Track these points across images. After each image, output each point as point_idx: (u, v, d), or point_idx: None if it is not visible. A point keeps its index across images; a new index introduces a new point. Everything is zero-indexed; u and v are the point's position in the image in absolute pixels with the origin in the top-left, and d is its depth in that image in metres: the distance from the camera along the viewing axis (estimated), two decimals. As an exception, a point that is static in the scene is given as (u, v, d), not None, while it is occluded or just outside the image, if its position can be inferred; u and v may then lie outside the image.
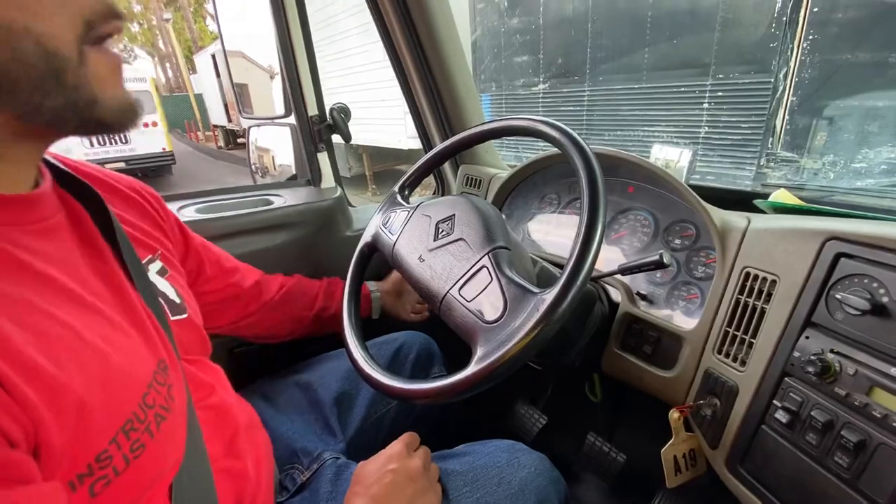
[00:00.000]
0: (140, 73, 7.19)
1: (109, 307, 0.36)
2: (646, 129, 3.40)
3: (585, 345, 0.69)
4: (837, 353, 0.45)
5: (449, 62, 0.94)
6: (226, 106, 11.55)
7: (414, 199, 0.77)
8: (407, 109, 1.05)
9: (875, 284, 0.43)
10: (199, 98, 14.19)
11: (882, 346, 0.42)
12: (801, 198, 0.72)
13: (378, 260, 0.71)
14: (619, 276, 0.72)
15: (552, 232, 0.88)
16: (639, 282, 0.72)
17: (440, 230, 0.61)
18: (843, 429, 0.43)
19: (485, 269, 0.50)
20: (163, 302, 0.45)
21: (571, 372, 0.89)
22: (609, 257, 0.78)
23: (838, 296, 0.45)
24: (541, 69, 4.01)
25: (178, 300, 0.49)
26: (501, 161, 1.11)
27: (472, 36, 4.45)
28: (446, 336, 0.61)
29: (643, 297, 0.71)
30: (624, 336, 0.71)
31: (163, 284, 0.48)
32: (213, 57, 10.46)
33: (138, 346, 0.36)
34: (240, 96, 1.16)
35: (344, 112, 0.94)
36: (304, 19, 0.88)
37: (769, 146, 2.84)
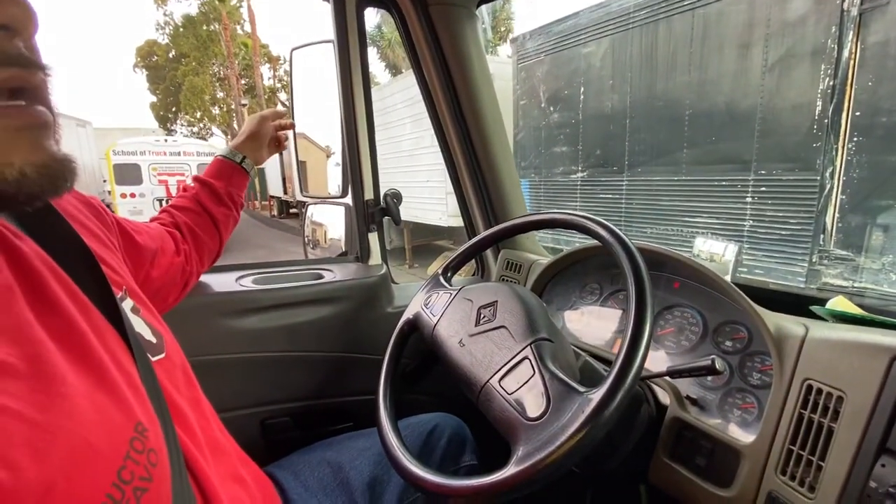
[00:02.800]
0: (211, 149, 8.15)
1: (73, 374, 0.31)
2: (686, 220, 3.38)
3: (631, 451, 0.64)
4: (925, 490, 0.40)
5: (495, 152, 1.01)
6: (284, 179, 12.63)
7: (456, 281, 0.79)
8: (449, 190, 1.12)
9: (958, 412, 0.40)
10: (261, 172, 15.65)
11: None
12: (860, 305, 0.68)
13: (417, 339, 0.72)
14: (667, 378, 0.69)
15: (593, 323, 0.87)
16: (688, 385, 0.69)
17: (482, 315, 0.62)
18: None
19: (527, 361, 0.50)
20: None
21: (614, 480, 0.82)
22: (654, 355, 0.75)
23: (916, 421, 0.42)
24: (580, 159, 4.19)
25: (154, 339, 0.44)
26: (540, 247, 1.14)
27: (514, 129, 4.76)
28: (480, 423, 0.60)
29: (693, 402, 0.67)
30: (674, 445, 0.66)
31: (138, 324, 0.42)
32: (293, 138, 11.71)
33: (109, 415, 0.31)
34: (302, 173, 1.28)
35: (397, 198, 1.01)
36: (370, 108, 0.99)
37: (821, 243, 2.74)
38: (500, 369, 0.52)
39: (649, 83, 3.61)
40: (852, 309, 0.64)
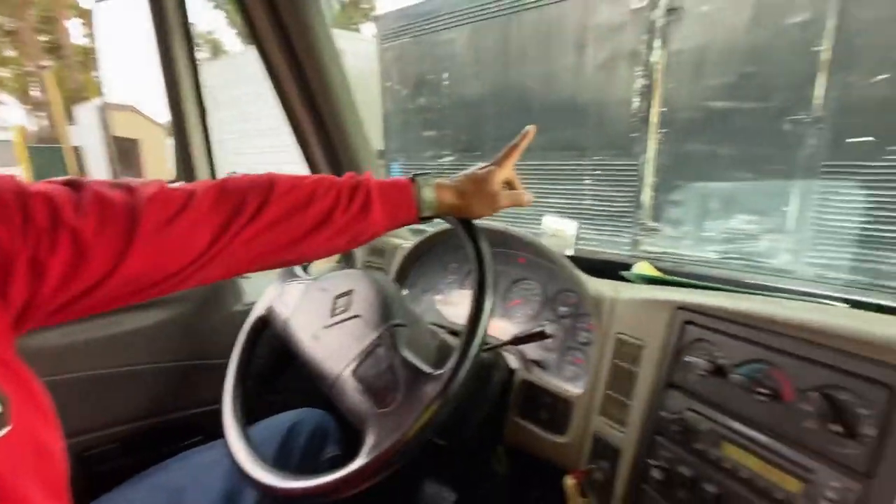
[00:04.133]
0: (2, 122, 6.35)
1: None
2: (539, 200, 3.77)
3: (488, 415, 0.69)
4: (693, 411, 0.51)
5: (342, 114, 0.95)
6: (110, 160, 10.57)
7: (316, 270, 0.75)
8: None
9: (712, 346, 0.51)
10: (79, 150, 12.83)
11: (724, 403, 0.48)
12: (659, 268, 0.83)
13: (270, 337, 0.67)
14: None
15: (454, 301, 0.91)
16: (532, 349, 0.76)
17: (337, 306, 0.59)
18: (704, 483, 0.48)
19: (380, 349, 0.50)
20: None
21: (478, 445, 0.88)
22: (506, 325, 0.82)
23: (687, 359, 0.52)
24: (448, 144, 4.33)
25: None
26: (404, 230, 1.15)
27: (381, 111, 4.70)
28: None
29: (537, 364, 0.75)
30: (523, 404, 0.73)
31: None
32: (102, 109, 9.68)
33: None
34: (127, 153, 1.07)
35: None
36: (196, 77, 0.85)
37: (640, 218, 3.31)
38: (353, 360, 0.50)
39: (505, 73, 3.87)
40: (652, 271, 0.78)
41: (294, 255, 0.49)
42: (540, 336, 0.61)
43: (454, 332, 0.77)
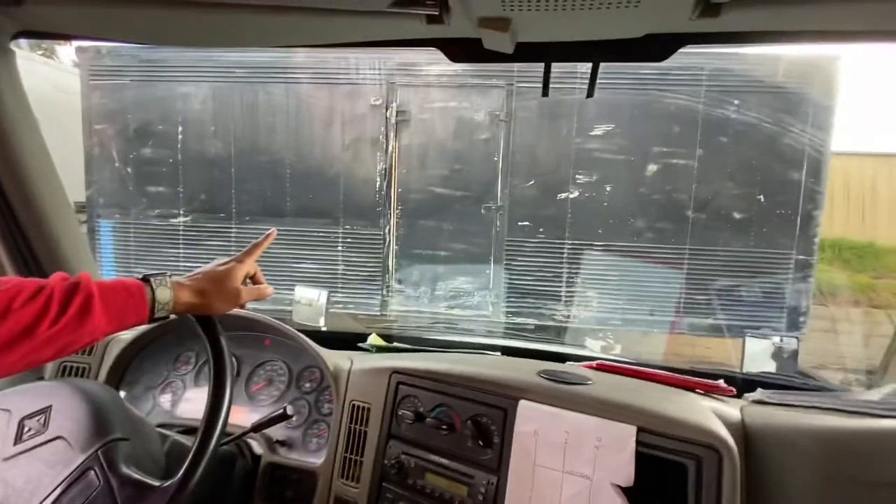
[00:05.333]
0: None
1: None
2: (293, 266, 3.76)
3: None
4: (406, 454, 0.66)
5: (45, 202, 0.80)
6: None
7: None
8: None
9: (416, 399, 0.68)
10: None
11: (423, 442, 0.65)
12: (387, 335, 1.01)
13: None
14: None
15: (189, 396, 0.85)
16: (278, 430, 0.80)
17: (26, 429, 0.50)
18: (416, 510, 0.62)
19: (92, 473, 0.45)
20: None
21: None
22: (251, 411, 0.82)
23: (400, 412, 0.68)
24: (181, 202, 3.86)
25: None
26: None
27: (85, 156, 3.83)
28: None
29: (283, 444, 0.78)
30: (268, 487, 0.74)
31: None
32: None
33: None
34: None
35: None
36: None
37: (387, 281, 3.72)
38: (49, 496, 0.44)
39: (253, 137, 3.83)
40: (380, 342, 0.94)
41: None
42: (281, 418, 0.66)
43: (191, 430, 0.73)
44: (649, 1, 0.48)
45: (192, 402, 0.85)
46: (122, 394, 0.83)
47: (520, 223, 3.44)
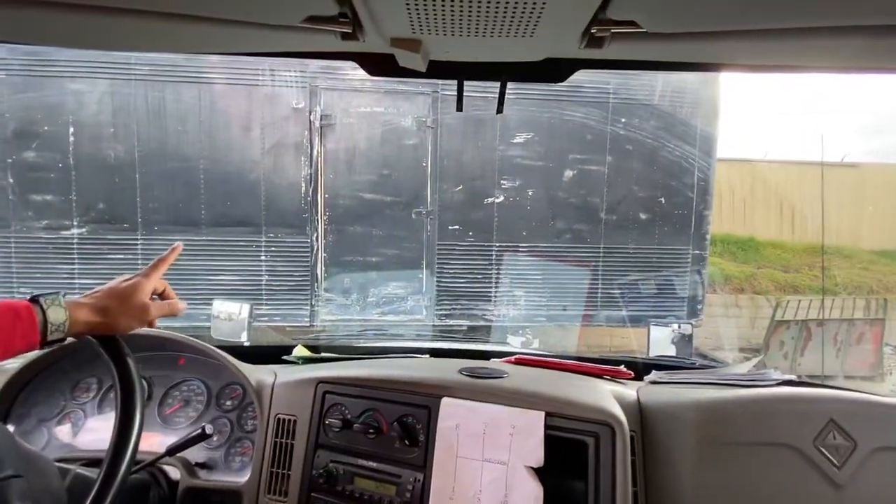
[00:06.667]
0: None
1: None
2: (210, 279, 3.52)
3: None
4: (335, 462, 0.67)
5: None
6: None
7: None
8: None
9: (343, 407, 0.69)
10: None
11: (352, 448, 0.66)
12: (314, 346, 1.00)
13: None
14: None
15: (91, 425, 0.78)
16: (197, 452, 0.76)
17: None
18: (347, 515, 0.63)
19: (-25, 516, 0.41)
20: None
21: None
22: (165, 435, 0.77)
23: (328, 421, 0.68)
24: (75, 212, 3.44)
25: None
26: None
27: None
28: None
29: (203, 466, 0.74)
30: (188, 513, 0.71)
31: None
32: None
33: None
34: None
35: None
36: None
37: (316, 290, 3.60)
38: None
39: (160, 140, 3.53)
40: (305, 353, 0.93)
41: None
42: (200, 438, 0.63)
43: (94, 462, 0.67)
44: (542, 31, 0.54)
45: (96, 433, 0.78)
46: (11, 428, 0.74)
47: (450, 227, 3.52)
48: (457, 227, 3.55)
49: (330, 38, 0.60)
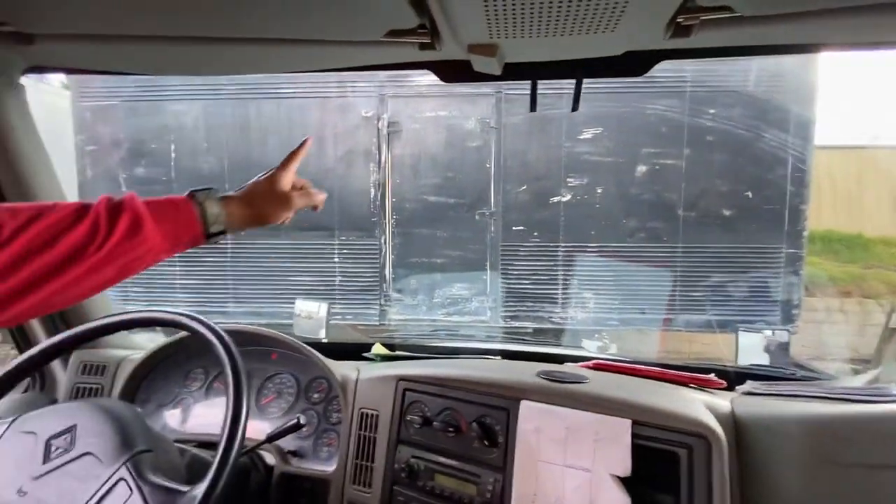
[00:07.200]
0: None
1: None
2: (290, 279, 3.78)
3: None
4: (415, 458, 0.69)
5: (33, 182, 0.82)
6: None
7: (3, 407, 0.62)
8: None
9: (423, 405, 0.71)
10: None
11: (432, 445, 0.68)
12: (389, 345, 1.04)
13: None
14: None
15: (200, 412, 0.87)
16: (289, 441, 0.82)
17: (54, 448, 0.52)
18: (428, 511, 0.65)
19: (123, 483, 0.48)
20: None
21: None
22: (261, 423, 0.85)
23: (408, 417, 0.71)
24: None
25: None
26: (133, 338, 1.02)
27: (78, 178, 3.86)
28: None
29: (294, 454, 0.81)
30: (283, 498, 0.77)
31: None
32: None
33: None
34: None
35: None
36: None
37: (385, 290, 3.74)
38: (85, 505, 0.46)
39: (246, 152, 3.86)
40: (384, 351, 0.97)
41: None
42: (295, 428, 0.69)
43: (204, 444, 0.75)
44: (625, 25, 0.52)
45: (203, 418, 0.87)
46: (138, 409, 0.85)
47: (514, 228, 3.48)
48: (521, 227, 3.50)
49: (408, 49, 0.62)
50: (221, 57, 0.71)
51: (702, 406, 0.62)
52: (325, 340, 1.43)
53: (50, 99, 4.19)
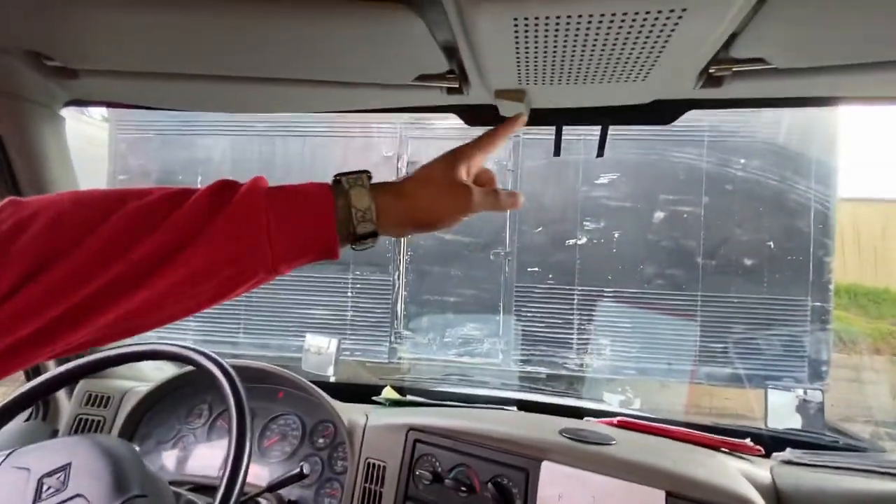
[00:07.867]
0: None
1: None
2: (302, 311, 3.77)
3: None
4: (424, 517, 0.64)
5: None
6: None
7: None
8: None
9: (433, 458, 0.66)
10: None
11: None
12: (400, 387, 1.00)
13: None
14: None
15: (200, 451, 0.84)
16: (290, 489, 0.77)
17: (45, 488, 0.50)
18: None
19: (111, 533, 0.45)
20: None
21: None
22: (262, 467, 0.81)
23: (418, 472, 0.66)
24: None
25: None
26: (141, 369, 1.00)
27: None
28: None
29: None
30: (279, 552, 0.71)
31: None
32: None
33: None
34: None
35: None
36: None
37: (396, 327, 3.69)
38: (68, 556, 0.43)
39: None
40: (394, 395, 0.93)
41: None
42: (297, 478, 0.65)
43: (202, 488, 0.72)
44: (656, 75, 0.52)
45: (203, 459, 0.83)
46: (136, 448, 0.82)
47: (529, 269, 3.44)
48: (536, 268, 3.46)
49: (435, 92, 0.63)
50: (255, 95, 0.72)
51: (740, 476, 0.57)
52: (333, 379, 1.39)
53: (90, 130, 4.42)
